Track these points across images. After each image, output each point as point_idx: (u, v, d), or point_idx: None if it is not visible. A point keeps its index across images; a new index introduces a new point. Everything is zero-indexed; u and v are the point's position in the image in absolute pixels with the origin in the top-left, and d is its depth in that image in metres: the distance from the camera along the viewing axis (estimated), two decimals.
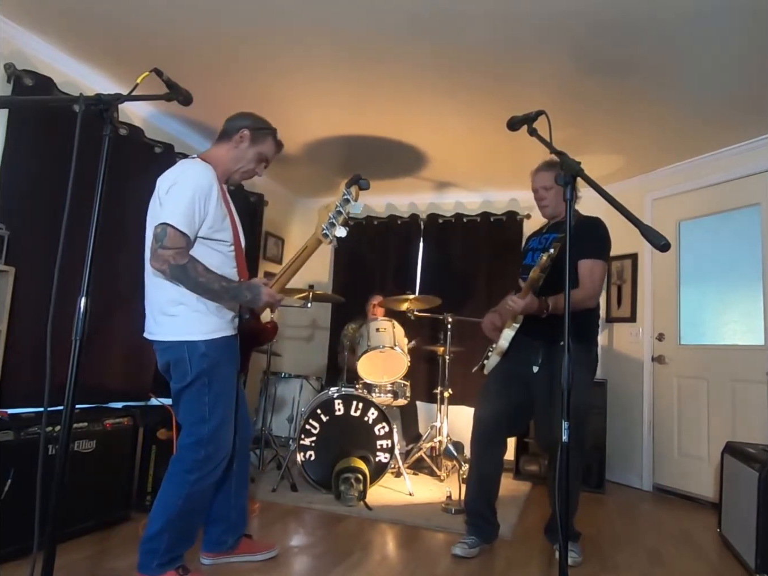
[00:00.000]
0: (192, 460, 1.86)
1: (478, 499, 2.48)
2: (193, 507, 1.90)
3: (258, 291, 1.86)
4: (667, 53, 2.54)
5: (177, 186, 1.79)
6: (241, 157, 1.99)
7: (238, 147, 1.98)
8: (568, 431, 1.36)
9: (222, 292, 1.81)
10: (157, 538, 1.84)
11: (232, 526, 2.14)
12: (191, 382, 1.85)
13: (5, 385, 2.46)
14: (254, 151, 2.00)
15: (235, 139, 1.98)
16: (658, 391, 3.96)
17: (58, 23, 2.58)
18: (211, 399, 1.87)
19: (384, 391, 3.59)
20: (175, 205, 1.76)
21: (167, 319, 1.85)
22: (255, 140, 1.99)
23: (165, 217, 1.75)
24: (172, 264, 1.73)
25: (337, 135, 3.76)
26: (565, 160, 1.49)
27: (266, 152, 2.04)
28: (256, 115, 2.06)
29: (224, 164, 1.98)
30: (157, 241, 1.75)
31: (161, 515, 1.85)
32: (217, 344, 1.88)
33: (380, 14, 2.38)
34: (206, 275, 1.77)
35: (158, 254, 1.74)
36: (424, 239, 4.91)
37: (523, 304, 2.20)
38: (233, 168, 2.01)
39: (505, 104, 3.10)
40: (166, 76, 1.52)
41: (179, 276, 1.76)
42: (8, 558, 2.01)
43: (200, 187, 1.80)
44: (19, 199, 2.56)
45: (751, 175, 3.47)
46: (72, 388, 1.26)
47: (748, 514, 2.38)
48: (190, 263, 1.76)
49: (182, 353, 1.84)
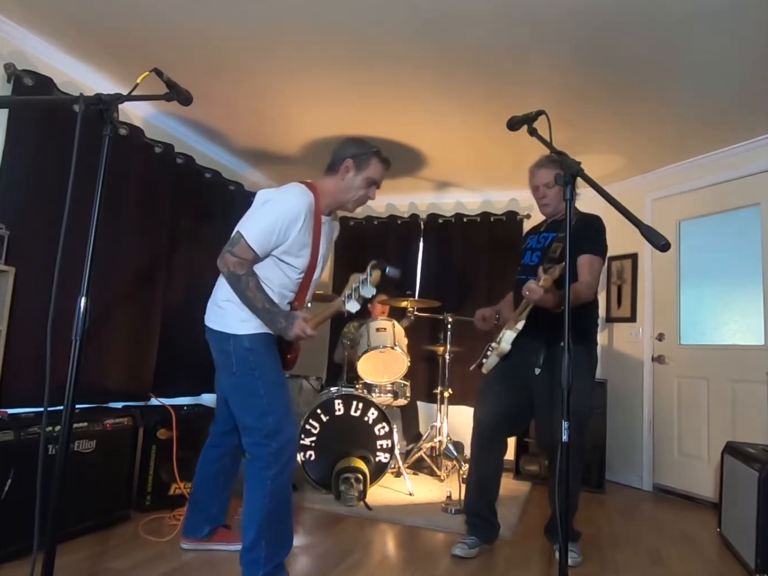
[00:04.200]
0: (266, 455, 1.88)
1: (478, 500, 2.48)
2: (279, 505, 1.90)
3: (292, 322, 1.88)
4: (667, 53, 2.54)
5: (269, 204, 1.91)
6: (350, 186, 2.04)
7: (345, 178, 2.04)
8: (568, 431, 1.36)
9: (262, 312, 1.89)
10: (256, 548, 1.86)
11: (210, 518, 2.27)
12: (239, 375, 1.92)
13: (5, 385, 2.45)
14: (361, 177, 2.04)
15: (341, 171, 2.03)
16: (658, 391, 3.96)
17: (58, 23, 2.58)
18: (266, 390, 1.91)
19: (384, 391, 3.59)
20: (258, 221, 1.89)
21: (219, 310, 1.98)
22: (359, 167, 2.03)
23: (245, 228, 1.89)
24: (231, 270, 1.86)
25: (337, 135, 3.76)
26: (565, 160, 1.49)
27: (373, 175, 2.05)
28: (357, 141, 2.09)
29: (333, 195, 2.05)
30: (229, 245, 1.88)
31: (253, 522, 1.87)
32: (260, 338, 1.95)
33: (381, 14, 2.38)
34: (254, 292, 1.87)
35: (225, 256, 1.87)
36: (424, 239, 4.91)
37: (542, 292, 2.08)
38: (344, 198, 2.06)
39: (505, 104, 3.10)
40: (166, 76, 1.52)
41: (233, 282, 1.89)
42: (8, 558, 2.02)
43: (287, 213, 1.88)
44: (19, 199, 2.56)
45: (751, 175, 3.47)
46: (72, 388, 1.26)
47: (748, 514, 2.38)
48: (246, 276, 1.86)
49: (227, 346, 1.93)
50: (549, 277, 2.11)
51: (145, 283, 3.27)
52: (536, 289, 2.09)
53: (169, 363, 3.42)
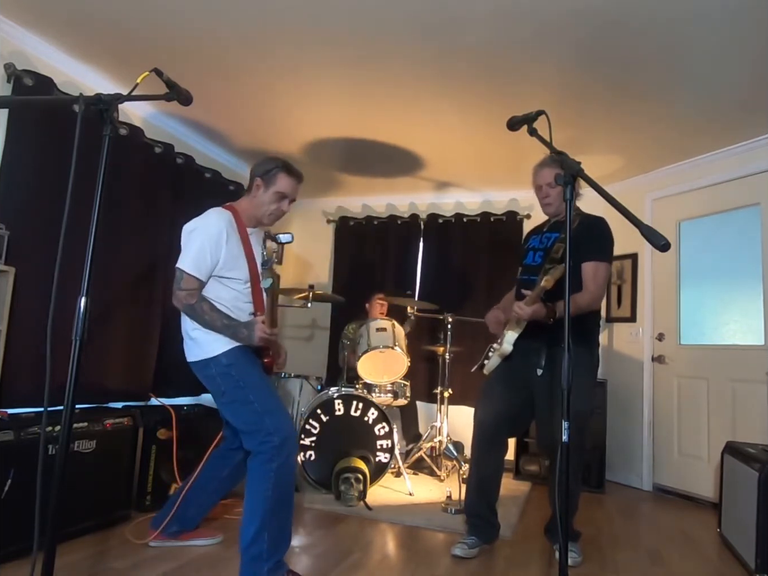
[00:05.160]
0: (270, 449, 1.93)
1: (479, 500, 2.47)
2: (281, 498, 1.94)
3: (252, 328, 1.99)
4: (667, 53, 2.54)
5: (194, 233, 2.02)
6: (262, 202, 2.13)
7: (257, 195, 2.13)
8: (568, 431, 1.36)
9: (224, 329, 2.00)
10: (258, 540, 1.88)
11: (184, 521, 2.31)
12: (228, 392, 2.02)
13: (5, 385, 2.46)
14: (270, 193, 2.12)
15: (253, 189, 2.14)
16: (658, 391, 3.96)
17: (58, 23, 2.58)
18: (255, 396, 1.99)
19: (384, 391, 3.59)
20: (189, 251, 2.00)
21: (191, 342, 2.08)
22: (268, 183, 2.11)
23: (180, 263, 2.01)
24: (184, 303, 2.00)
25: (336, 135, 3.76)
26: (565, 160, 1.49)
27: (282, 189, 2.13)
28: (267, 159, 2.17)
29: (249, 212, 2.16)
30: (175, 283, 2.00)
31: (256, 515, 1.90)
32: (235, 352, 2.04)
33: (380, 14, 2.38)
34: (211, 314, 1.99)
35: (176, 294, 2.00)
36: (424, 239, 4.91)
37: (530, 311, 2.18)
38: (258, 214, 2.16)
39: (505, 104, 3.10)
40: (166, 76, 1.52)
41: (190, 313, 2.03)
42: (8, 558, 2.01)
43: (209, 235, 2.00)
44: (19, 199, 2.56)
45: (751, 175, 3.47)
46: (72, 388, 1.26)
47: (748, 514, 2.38)
48: (198, 303, 1.99)
49: (210, 371, 2.04)
50: (551, 277, 2.11)
51: (145, 283, 3.27)
52: (523, 308, 2.20)
53: (169, 363, 3.41)
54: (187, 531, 2.35)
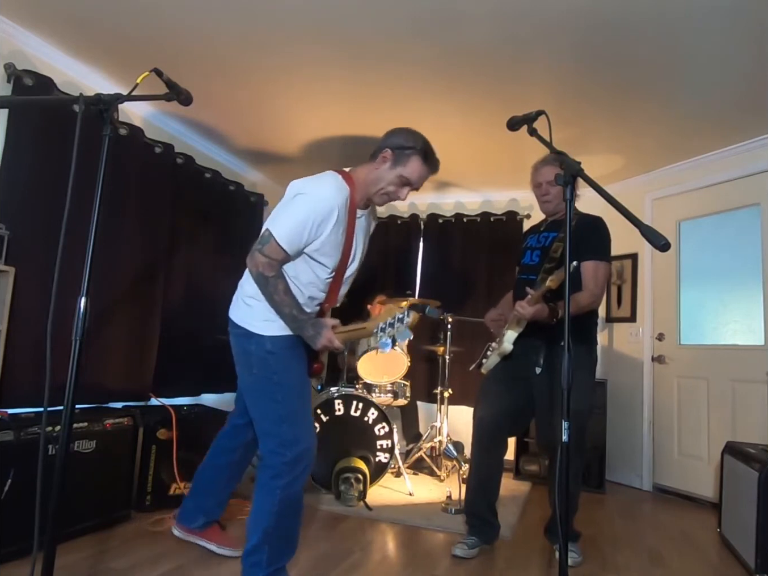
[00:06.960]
0: (280, 464, 1.79)
1: (479, 500, 2.47)
2: (287, 515, 1.83)
3: (320, 331, 1.78)
4: (667, 53, 2.54)
5: (300, 198, 1.76)
6: (381, 178, 1.86)
7: (380, 168, 1.86)
8: (568, 431, 1.36)
9: (288, 318, 1.80)
10: (258, 551, 1.80)
11: (207, 510, 2.25)
12: (258, 377, 1.85)
13: (5, 385, 2.45)
14: (395, 173, 1.84)
15: (378, 159, 1.86)
16: (658, 391, 3.96)
17: (58, 23, 2.58)
18: (283, 396, 1.83)
19: (384, 391, 3.59)
20: (288, 218, 1.76)
21: (243, 306, 1.89)
22: (397, 161, 1.84)
23: (275, 226, 1.76)
24: (259, 271, 1.76)
25: (336, 135, 3.76)
26: (565, 160, 1.49)
27: (408, 175, 1.84)
28: (406, 132, 1.88)
29: (365, 185, 1.88)
30: (259, 243, 1.77)
31: (258, 527, 1.81)
32: (284, 341, 1.86)
33: (380, 14, 2.38)
34: (282, 296, 1.77)
35: (254, 255, 1.77)
36: (424, 239, 4.91)
37: (532, 310, 2.16)
38: (372, 190, 1.88)
39: (505, 104, 3.10)
40: (166, 76, 1.52)
41: (260, 284, 1.79)
42: (8, 558, 2.01)
43: (318, 211, 1.74)
44: (19, 199, 2.56)
45: (751, 175, 3.47)
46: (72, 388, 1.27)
47: (748, 514, 2.38)
48: (274, 279, 1.76)
49: (248, 345, 1.86)
50: (555, 278, 2.11)
51: (145, 283, 3.26)
52: (525, 307, 2.16)
53: (169, 363, 3.41)
54: (211, 525, 2.27)
